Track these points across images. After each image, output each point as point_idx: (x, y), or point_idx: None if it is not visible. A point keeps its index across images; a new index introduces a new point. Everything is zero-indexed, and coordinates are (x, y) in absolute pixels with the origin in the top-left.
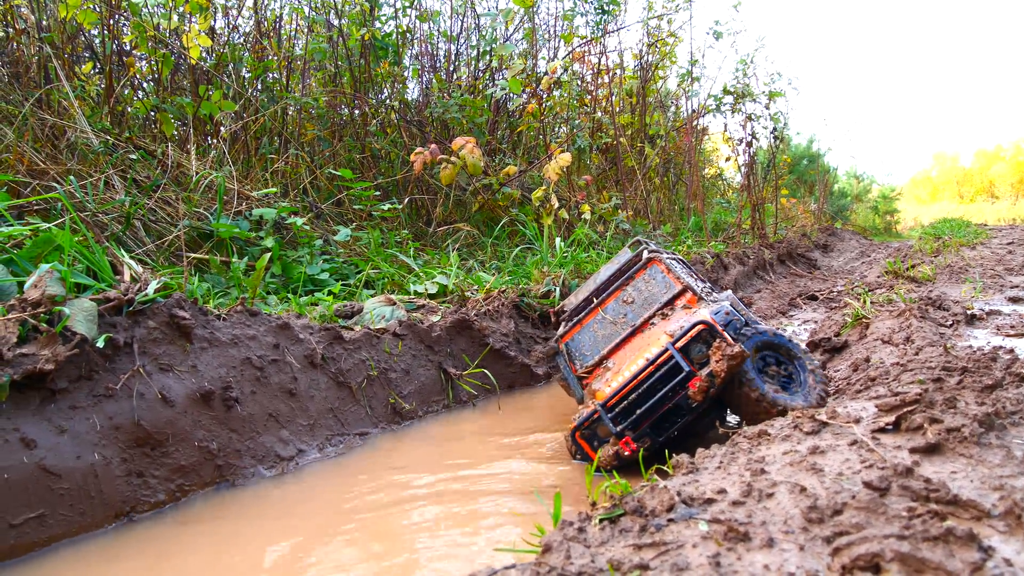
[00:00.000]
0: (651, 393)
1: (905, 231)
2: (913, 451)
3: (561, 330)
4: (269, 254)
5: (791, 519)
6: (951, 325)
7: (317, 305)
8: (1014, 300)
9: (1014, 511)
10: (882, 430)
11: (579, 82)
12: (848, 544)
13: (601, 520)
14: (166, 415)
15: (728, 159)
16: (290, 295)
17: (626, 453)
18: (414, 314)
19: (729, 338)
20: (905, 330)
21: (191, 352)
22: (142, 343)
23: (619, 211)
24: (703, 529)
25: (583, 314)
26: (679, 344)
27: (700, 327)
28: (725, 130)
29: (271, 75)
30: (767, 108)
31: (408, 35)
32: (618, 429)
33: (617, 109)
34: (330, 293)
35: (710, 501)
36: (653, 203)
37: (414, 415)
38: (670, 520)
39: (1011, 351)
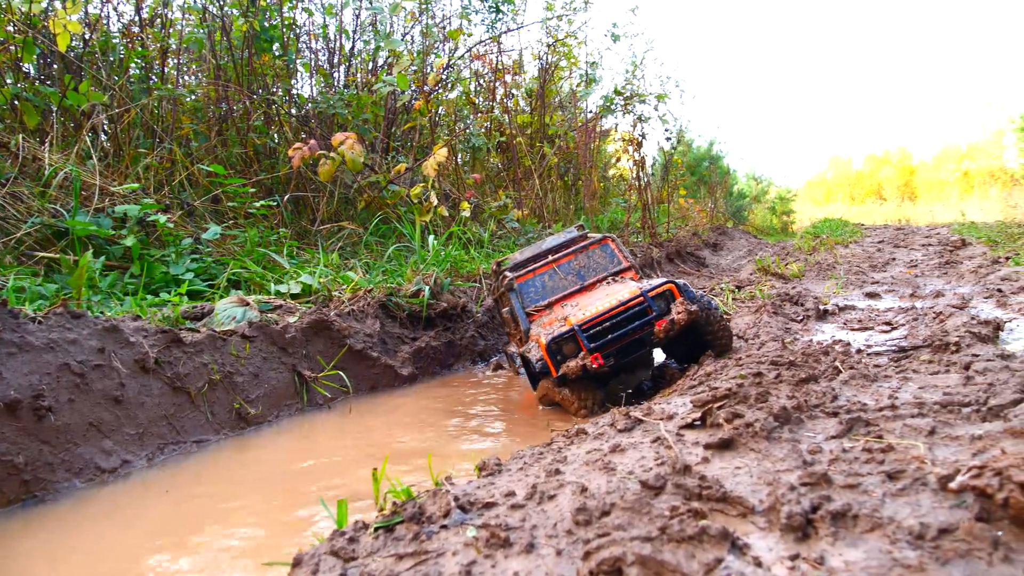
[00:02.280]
0: (622, 325)
1: (800, 231)
2: (708, 447)
3: (515, 273)
4: (89, 251)
5: (562, 522)
6: (801, 320)
7: (164, 306)
8: (870, 295)
9: (776, 506)
10: (689, 426)
11: (479, 81)
12: (597, 548)
13: (377, 528)
14: None
15: (618, 159)
16: (149, 296)
17: (595, 366)
18: (269, 315)
19: (688, 298)
20: (757, 326)
21: None
22: None
23: (509, 209)
24: (470, 535)
25: (538, 265)
26: (650, 294)
27: (667, 286)
28: (615, 129)
29: (148, 65)
30: (656, 110)
31: (294, 27)
32: (592, 346)
33: (517, 108)
34: (178, 294)
35: (490, 505)
36: (550, 202)
37: (262, 420)
38: (443, 527)
39: (847, 344)
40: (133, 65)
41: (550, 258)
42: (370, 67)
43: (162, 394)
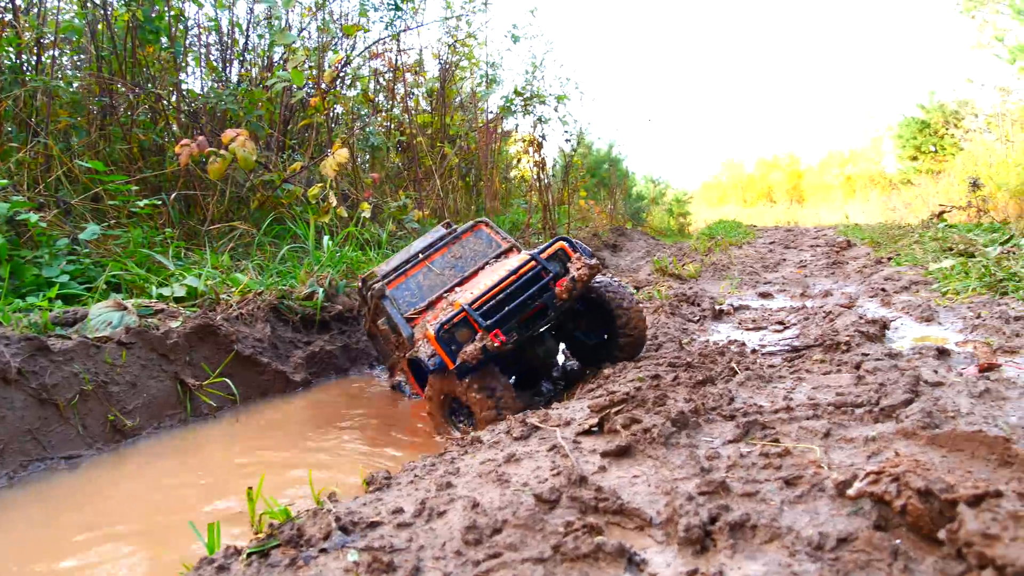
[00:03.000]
0: (518, 295)
1: (696, 232)
2: (605, 454)
3: (386, 279)
4: None
5: (451, 541)
6: (698, 321)
7: (32, 311)
8: (763, 295)
9: (673, 518)
10: (587, 432)
11: (378, 80)
12: (487, 571)
13: (250, 554)
14: None
15: (519, 160)
16: (17, 300)
17: (496, 344)
18: (150, 319)
19: (584, 255)
20: (655, 327)
21: None
22: None
23: (408, 210)
24: (351, 560)
25: (408, 266)
26: (543, 256)
27: (559, 245)
28: (516, 130)
29: (22, 54)
30: (556, 111)
31: (182, 19)
32: (488, 323)
33: (418, 108)
34: (47, 298)
35: (375, 524)
36: (451, 203)
37: (140, 432)
38: (323, 551)
39: (742, 344)
40: (5, 54)
41: (420, 257)
42: (265, 63)
43: (26, 407)
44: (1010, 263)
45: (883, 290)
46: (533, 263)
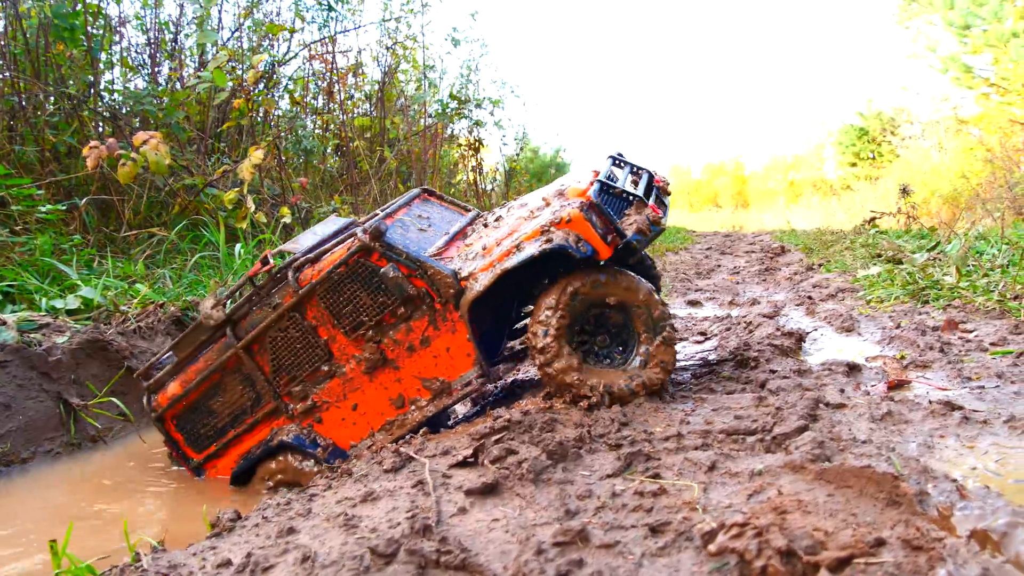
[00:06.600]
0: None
1: None
2: (470, 492)
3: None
4: None
5: None
6: None
7: None
8: (692, 303)
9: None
10: (462, 464)
11: (317, 83)
12: None
13: None
14: None
15: (456, 164)
16: None
17: (657, 214)
18: (32, 335)
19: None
20: None
21: None
22: None
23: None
24: None
25: (394, 207)
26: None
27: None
28: (453, 134)
29: None
30: (492, 115)
31: (102, 16)
32: (637, 193)
33: (356, 111)
34: None
35: None
36: None
37: (14, 459)
38: None
39: None
40: None
41: (381, 213)
42: (196, 63)
43: None
44: (934, 271)
45: (810, 298)
46: (618, 163)
